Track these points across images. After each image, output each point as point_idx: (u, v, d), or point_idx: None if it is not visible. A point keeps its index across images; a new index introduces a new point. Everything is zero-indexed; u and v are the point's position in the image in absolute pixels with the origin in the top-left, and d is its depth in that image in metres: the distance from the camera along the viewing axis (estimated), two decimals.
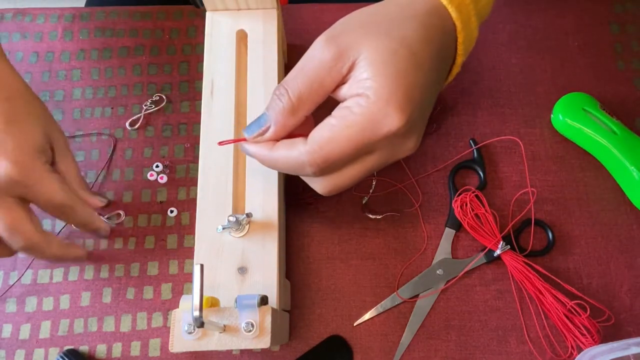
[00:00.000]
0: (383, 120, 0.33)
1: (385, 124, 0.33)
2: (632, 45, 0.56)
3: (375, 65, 0.33)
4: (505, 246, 0.48)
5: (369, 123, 0.33)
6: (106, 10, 0.59)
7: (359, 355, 0.47)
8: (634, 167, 0.48)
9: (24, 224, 0.39)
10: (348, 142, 0.34)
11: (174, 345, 0.37)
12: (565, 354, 0.46)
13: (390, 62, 0.33)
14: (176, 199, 0.51)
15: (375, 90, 0.33)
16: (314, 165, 0.35)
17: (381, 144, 0.35)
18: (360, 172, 0.37)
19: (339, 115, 0.34)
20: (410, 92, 0.34)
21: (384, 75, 0.33)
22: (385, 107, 0.33)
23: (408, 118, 0.34)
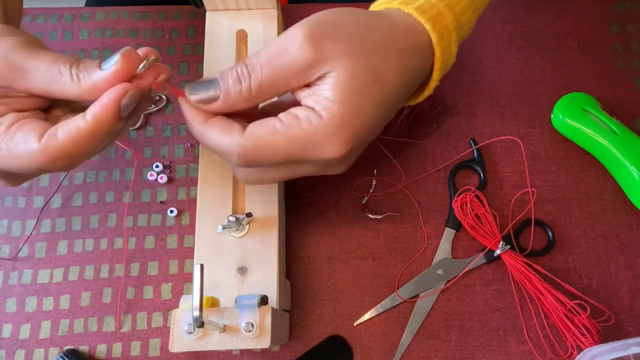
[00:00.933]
0: (325, 145, 0.33)
1: (325, 150, 0.33)
2: (632, 45, 0.56)
3: (342, 91, 0.32)
4: (505, 246, 0.48)
5: (310, 143, 0.33)
6: (106, 10, 0.59)
7: (359, 355, 0.47)
8: (634, 167, 0.48)
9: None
10: (284, 152, 0.33)
11: (174, 345, 0.37)
12: (565, 354, 0.46)
13: (357, 93, 0.33)
14: (176, 199, 0.51)
15: (330, 115, 0.32)
16: (242, 159, 0.33)
17: (314, 162, 0.35)
18: (283, 176, 0.37)
19: (286, 122, 0.33)
20: (361, 129, 0.34)
21: (345, 104, 0.32)
22: (332, 135, 0.33)
23: (348, 152, 0.34)
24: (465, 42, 0.56)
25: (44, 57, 0.32)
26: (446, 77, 0.55)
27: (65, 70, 0.32)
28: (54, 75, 0.32)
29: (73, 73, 0.32)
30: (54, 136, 0.31)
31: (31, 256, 0.50)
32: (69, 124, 0.31)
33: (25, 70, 0.32)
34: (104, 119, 0.31)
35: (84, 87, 0.32)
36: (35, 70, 0.32)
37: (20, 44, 0.32)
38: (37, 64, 0.32)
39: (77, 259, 0.50)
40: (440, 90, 0.55)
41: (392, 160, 0.52)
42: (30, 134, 0.31)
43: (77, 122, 0.31)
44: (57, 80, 0.32)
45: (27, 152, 0.31)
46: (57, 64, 0.32)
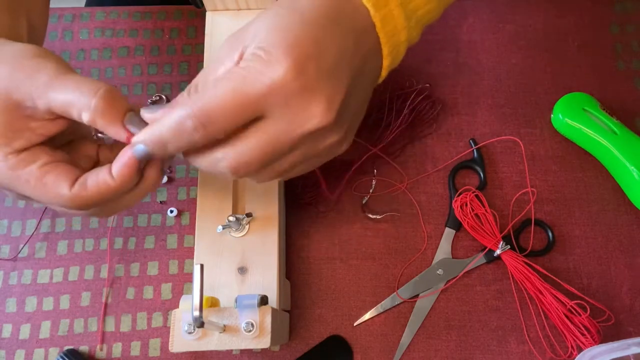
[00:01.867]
0: (266, 70, 0.30)
1: (268, 73, 0.30)
2: (632, 45, 0.56)
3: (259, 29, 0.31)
4: (505, 246, 0.48)
5: (251, 74, 0.30)
6: (106, 10, 0.59)
7: (359, 355, 0.47)
8: (634, 167, 0.48)
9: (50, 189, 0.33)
10: (230, 89, 0.30)
11: (174, 345, 0.37)
12: (565, 354, 0.46)
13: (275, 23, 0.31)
14: (176, 199, 0.51)
15: (256, 45, 0.31)
16: (193, 117, 0.30)
17: (270, 100, 0.30)
18: (261, 142, 0.32)
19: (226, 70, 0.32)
20: (298, 43, 0.30)
21: (268, 33, 0.31)
22: (267, 57, 0.30)
23: (297, 70, 0.30)
24: (465, 42, 0.57)
25: (73, 81, 0.33)
26: (446, 77, 0.56)
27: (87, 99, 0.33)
28: (74, 98, 0.33)
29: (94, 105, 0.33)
30: (84, 187, 0.33)
31: (31, 256, 0.50)
32: (96, 176, 0.34)
33: (51, 89, 0.33)
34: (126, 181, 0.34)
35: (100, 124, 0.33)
36: (59, 90, 0.33)
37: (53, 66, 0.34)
38: (64, 85, 0.33)
39: (77, 259, 0.50)
40: (440, 90, 0.55)
41: (392, 160, 0.52)
42: (62, 179, 0.33)
43: (105, 178, 0.33)
44: (77, 105, 0.33)
45: (57, 195, 0.33)
46: (82, 89, 0.33)
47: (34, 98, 0.33)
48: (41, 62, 0.34)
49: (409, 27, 0.36)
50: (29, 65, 0.33)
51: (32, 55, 0.34)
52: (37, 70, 0.33)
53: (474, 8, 0.58)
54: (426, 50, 0.56)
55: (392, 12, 0.35)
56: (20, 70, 0.33)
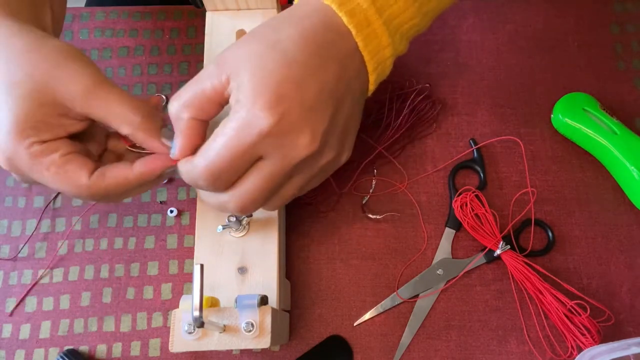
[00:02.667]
0: (254, 121, 0.33)
1: (256, 124, 0.33)
2: (632, 45, 0.56)
3: (245, 73, 0.33)
4: (505, 246, 0.48)
5: (241, 126, 0.33)
6: (106, 10, 0.59)
7: (359, 355, 0.47)
8: (634, 167, 0.48)
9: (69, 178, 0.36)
10: (226, 146, 0.33)
11: (174, 345, 0.37)
12: (565, 354, 0.46)
13: (258, 66, 0.33)
14: (176, 199, 0.51)
15: (244, 96, 0.33)
16: (201, 176, 0.34)
17: (263, 146, 0.33)
18: (260, 181, 0.35)
19: (223, 125, 0.34)
20: (280, 89, 0.33)
21: (252, 80, 0.33)
22: (252, 108, 0.33)
23: (280, 115, 0.33)
24: (465, 42, 0.57)
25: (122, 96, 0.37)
26: (446, 77, 0.56)
27: (137, 116, 0.37)
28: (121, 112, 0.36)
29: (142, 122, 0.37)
30: (103, 177, 0.36)
31: (31, 256, 0.50)
32: (117, 170, 0.37)
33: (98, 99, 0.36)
34: (149, 176, 0.37)
35: (140, 137, 0.37)
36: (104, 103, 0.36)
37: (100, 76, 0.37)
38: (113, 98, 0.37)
39: (77, 259, 0.50)
40: (440, 90, 0.55)
41: (392, 160, 0.52)
42: (82, 169, 0.36)
43: (125, 171, 0.37)
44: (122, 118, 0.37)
45: (75, 183, 0.36)
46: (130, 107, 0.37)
47: (74, 101, 0.35)
48: (84, 67, 0.36)
49: (393, 42, 0.37)
50: (73, 68, 0.36)
51: (75, 57, 0.36)
52: (81, 74, 0.36)
53: (474, 8, 0.58)
54: (426, 50, 0.56)
55: (376, 30, 0.36)
56: (64, 70, 0.35)
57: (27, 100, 0.34)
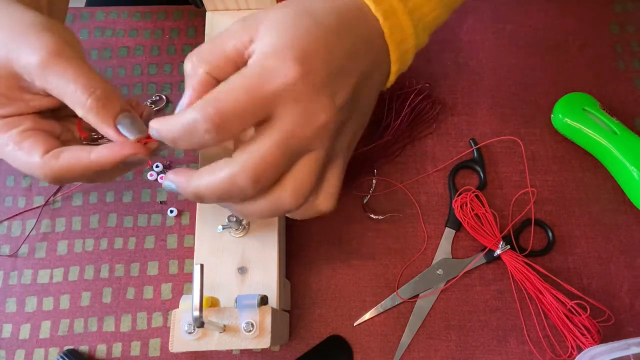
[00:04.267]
0: (278, 68, 0.31)
1: (280, 72, 0.30)
2: (632, 45, 0.56)
3: (271, 32, 0.32)
4: (505, 246, 0.48)
5: (264, 72, 0.31)
6: (106, 10, 0.59)
7: (359, 355, 0.47)
8: (634, 167, 0.48)
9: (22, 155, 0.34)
10: (244, 87, 0.30)
11: (174, 345, 0.37)
12: (565, 354, 0.46)
13: (286, 26, 0.32)
14: (176, 199, 0.51)
15: (270, 44, 0.31)
16: (207, 121, 0.30)
17: (282, 99, 0.31)
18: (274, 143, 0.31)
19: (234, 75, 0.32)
20: (308, 47, 0.31)
21: (279, 37, 0.31)
22: (278, 57, 0.31)
23: (307, 70, 0.31)
24: (465, 42, 0.57)
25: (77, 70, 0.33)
26: (446, 77, 0.56)
27: (84, 93, 0.33)
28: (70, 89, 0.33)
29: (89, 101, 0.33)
30: (56, 157, 0.34)
31: (31, 256, 0.50)
32: (73, 152, 0.34)
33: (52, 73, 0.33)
34: (104, 164, 0.34)
35: (89, 119, 0.34)
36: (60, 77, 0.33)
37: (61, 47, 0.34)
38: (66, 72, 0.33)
39: (77, 259, 0.50)
40: (440, 90, 0.55)
41: (392, 160, 0.52)
42: (37, 147, 0.34)
43: (81, 154, 0.34)
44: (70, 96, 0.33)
45: (28, 161, 0.34)
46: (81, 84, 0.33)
47: (32, 74, 0.33)
48: (46, 37, 0.33)
49: (416, 33, 0.37)
50: (33, 38, 0.33)
51: (38, 27, 0.34)
52: (39, 45, 0.33)
53: (474, 8, 0.58)
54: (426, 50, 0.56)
55: (400, 20, 0.35)
56: (23, 40, 0.33)
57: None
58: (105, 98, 0.34)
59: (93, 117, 0.34)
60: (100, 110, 0.34)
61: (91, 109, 0.33)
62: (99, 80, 0.34)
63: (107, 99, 0.34)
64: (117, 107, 0.35)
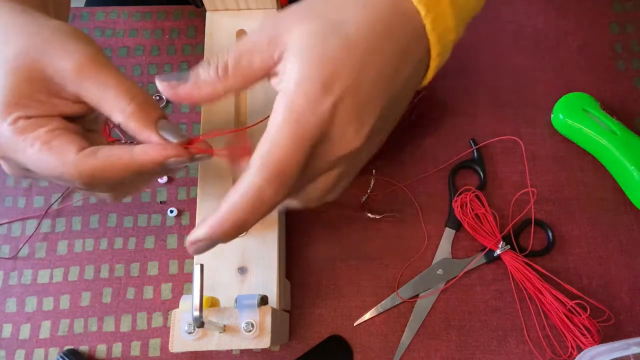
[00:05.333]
0: (307, 106, 0.30)
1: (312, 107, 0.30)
2: (632, 45, 0.56)
3: (300, 55, 0.31)
4: (505, 246, 0.48)
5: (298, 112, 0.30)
6: (106, 10, 0.59)
7: (359, 355, 0.47)
8: (634, 167, 0.48)
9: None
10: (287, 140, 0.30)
11: (174, 345, 0.37)
12: (565, 354, 0.46)
13: (317, 47, 0.31)
14: (176, 199, 0.51)
15: (297, 79, 0.30)
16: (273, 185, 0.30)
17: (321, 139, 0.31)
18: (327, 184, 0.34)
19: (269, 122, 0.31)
20: (337, 72, 0.30)
21: (307, 63, 0.31)
22: (308, 90, 0.30)
23: (336, 97, 0.30)
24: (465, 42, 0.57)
25: (112, 77, 0.33)
26: (446, 77, 0.56)
27: (124, 100, 0.33)
28: (109, 95, 0.33)
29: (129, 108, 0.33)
30: (94, 155, 0.32)
31: (31, 256, 0.50)
32: (112, 150, 0.32)
33: (88, 79, 0.33)
34: (146, 164, 0.33)
35: (130, 125, 0.33)
36: (97, 84, 0.33)
37: (94, 54, 0.33)
38: (102, 79, 0.33)
39: (77, 259, 0.50)
40: (440, 90, 0.55)
41: (392, 160, 0.52)
42: (70, 144, 0.32)
43: (121, 152, 0.32)
44: (110, 101, 0.33)
45: (61, 159, 0.32)
46: (119, 90, 0.33)
47: (65, 78, 0.32)
48: (79, 43, 0.33)
49: (457, 26, 0.35)
50: (67, 44, 0.33)
51: (70, 34, 0.33)
52: (74, 50, 0.33)
53: None
54: None
55: (444, 10, 0.34)
56: (57, 46, 0.33)
57: (13, 76, 0.32)
58: (146, 104, 0.34)
59: (134, 122, 0.33)
60: (143, 115, 0.33)
61: (133, 114, 0.33)
62: (137, 87, 0.34)
63: (148, 104, 0.34)
64: (158, 112, 0.34)
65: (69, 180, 0.33)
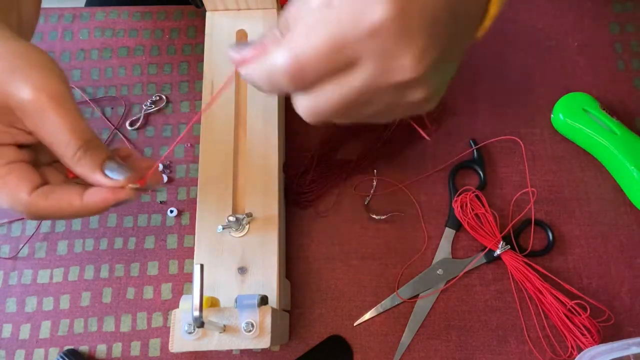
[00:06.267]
0: (366, 9, 0.27)
1: (368, 14, 0.27)
2: (632, 45, 0.56)
3: None
4: (505, 246, 0.48)
5: (349, 14, 0.27)
6: (106, 10, 0.59)
7: (359, 355, 0.47)
8: (634, 167, 0.48)
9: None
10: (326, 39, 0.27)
11: (174, 345, 0.37)
12: (565, 354, 0.46)
13: None
14: (176, 199, 0.51)
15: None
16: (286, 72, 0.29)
17: (365, 46, 0.27)
18: (346, 93, 0.30)
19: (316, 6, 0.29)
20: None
21: None
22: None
23: (400, 11, 0.27)
24: None
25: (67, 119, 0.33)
26: None
27: (74, 147, 0.33)
28: (62, 140, 0.33)
29: (77, 154, 0.33)
30: (45, 197, 0.33)
31: (31, 256, 0.50)
32: (64, 194, 0.33)
33: (44, 118, 0.32)
34: (96, 210, 0.34)
35: (77, 171, 0.34)
36: (51, 125, 0.32)
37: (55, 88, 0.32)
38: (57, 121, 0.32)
39: (77, 259, 0.50)
40: None
41: (392, 160, 0.52)
42: (23, 182, 0.33)
43: (72, 198, 0.33)
44: (62, 147, 0.33)
45: (14, 198, 0.32)
46: (71, 136, 0.33)
47: (24, 114, 0.32)
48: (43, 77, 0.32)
49: None
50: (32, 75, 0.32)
51: (36, 63, 0.33)
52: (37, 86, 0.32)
53: None
54: None
55: None
56: (21, 77, 0.32)
57: None
58: (94, 147, 0.34)
59: (81, 168, 0.34)
60: (90, 160, 0.34)
61: (80, 160, 0.33)
62: (88, 130, 0.34)
63: (95, 147, 0.34)
64: (104, 154, 0.34)
65: (21, 214, 0.33)
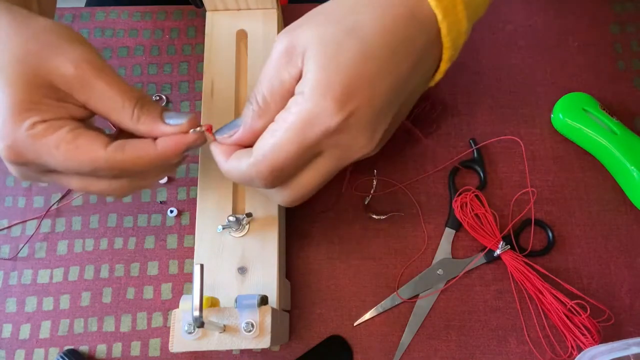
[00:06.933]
0: (319, 116, 0.31)
1: (321, 120, 0.31)
2: (632, 45, 0.56)
3: (316, 58, 0.31)
4: (505, 246, 0.48)
5: (305, 122, 0.31)
6: (106, 10, 0.59)
7: (359, 355, 0.47)
8: (634, 167, 0.48)
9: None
10: (289, 145, 0.32)
11: (174, 345, 0.37)
12: (565, 354, 0.46)
13: (332, 53, 0.31)
14: (176, 199, 0.51)
15: (312, 86, 0.31)
16: (261, 176, 0.33)
17: (325, 143, 0.32)
18: (315, 178, 0.35)
19: (281, 118, 0.33)
20: (352, 84, 0.31)
21: (323, 68, 0.31)
22: (320, 102, 0.31)
23: (348, 112, 0.31)
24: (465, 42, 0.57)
25: (114, 85, 0.34)
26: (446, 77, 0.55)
27: (129, 107, 0.34)
28: (116, 105, 0.34)
29: (135, 113, 0.34)
30: (122, 149, 0.34)
31: (31, 256, 0.50)
32: (139, 144, 0.34)
33: (92, 89, 0.33)
34: (170, 154, 0.35)
35: (141, 129, 0.35)
36: (101, 93, 0.34)
37: (93, 58, 0.34)
38: (106, 88, 0.34)
39: (77, 259, 0.50)
40: (440, 90, 0.55)
41: (392, 160, 0.52)
42: (96, 142, 0.33)
43: (147, 146, 0.34)
44: (118, 111, 0.34)
45: (92, 157, 0.33)
46: (123, 98, 0.34)
47: (70, 88, 0.33)
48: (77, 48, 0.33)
49: (468, 30, 0.36)
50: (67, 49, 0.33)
51: (67, 37, 0.34)
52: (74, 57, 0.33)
53: None
54: None
55: (458, 15, 0.34)
56: (57, 51, 0.33)
57: (20, 81, 0.32)
58: (147, 103, 0.35)
59: (144, 125, 0.35)
60: (149, 116, 0.35)
61: (140, 118, 0.34)
62: (135, 89, 0.35)
63: (148, 103, 0.35)
64: (158, 106, 0.36)
65: (99, 173, 0.34)
